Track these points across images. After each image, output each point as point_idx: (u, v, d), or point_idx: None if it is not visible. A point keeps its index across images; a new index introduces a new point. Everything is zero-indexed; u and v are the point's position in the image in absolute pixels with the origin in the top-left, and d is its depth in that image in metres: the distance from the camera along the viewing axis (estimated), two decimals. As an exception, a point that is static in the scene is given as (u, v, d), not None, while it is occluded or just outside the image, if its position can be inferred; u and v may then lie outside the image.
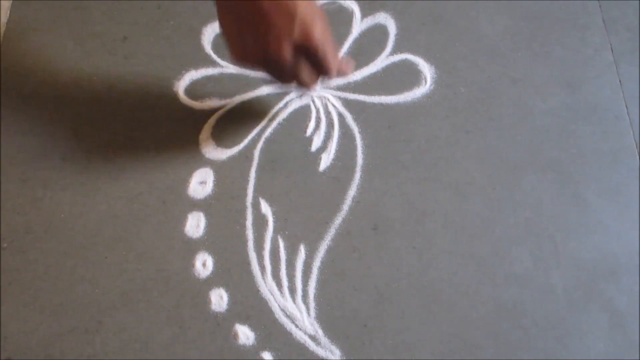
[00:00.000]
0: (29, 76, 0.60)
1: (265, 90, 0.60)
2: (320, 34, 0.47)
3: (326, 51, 0.49)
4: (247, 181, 0.56)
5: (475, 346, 0.50)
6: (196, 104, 0.59)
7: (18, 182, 0.55)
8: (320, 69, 0.50)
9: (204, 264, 0.52)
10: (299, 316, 0.51)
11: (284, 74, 0.50)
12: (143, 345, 0.50)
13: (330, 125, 0.58)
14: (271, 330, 0.50)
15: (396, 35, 0.63)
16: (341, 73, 0.53)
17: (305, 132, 0.58)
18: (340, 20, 0.63)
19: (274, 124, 0.58)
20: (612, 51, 0.62)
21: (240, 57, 0.49)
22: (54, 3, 0.64)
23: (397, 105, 0.59)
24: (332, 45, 0.49)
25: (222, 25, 0.49)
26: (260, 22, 0.46)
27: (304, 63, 0.49)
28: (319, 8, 0.48)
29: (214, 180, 0.56)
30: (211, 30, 0.62)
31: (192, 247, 0.53)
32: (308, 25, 0.46)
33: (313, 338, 0.50)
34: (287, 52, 0.47)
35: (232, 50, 0.49)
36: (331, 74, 0.51)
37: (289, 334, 0.50)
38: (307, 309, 0.51)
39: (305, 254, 0.53)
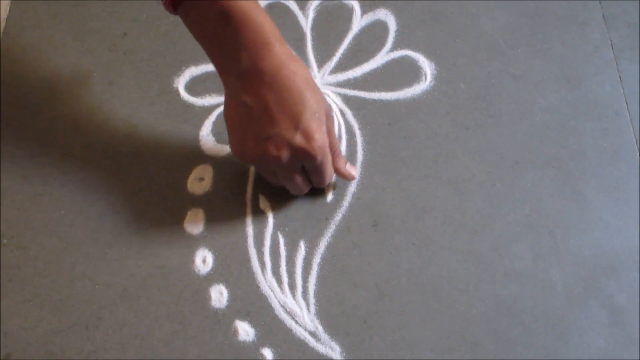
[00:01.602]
0: (29, 73, 0.60)
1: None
2: (320, 146, 0.47)
3: (324, 164, 0.49)
4: (246, 177, 0.56)
5: (475, 342, 0.50)
6: (196, 100, 0.59)
7: (18, 178, 0.55)
8: (315, 178, 0.51)
9: (203, 261, 0.52)
10: (299, 312, 0.50)
11: (279, 177, 0.50)
12: (143, 342, 0.49)
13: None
14: (271, 327, 0.50)
15: (396, 31, 0.63)
16: (347, 177, 0.53)
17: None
18: (340, 16, 0.63)
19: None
20: (612, 48, 0.62)
21: (239, 153, 0.49)
22: (54, 0, 0.63)
23: (397, 101, 0.59)
24: (329, 157, 0.49)
25: (226, 113, 0.49)
26: (263, 121, 0.46)
27: (299, 169, 0.49)
28: (327, 107, 0.48)
29: (214, 177, 0.56)
30: (211, 27, 0.62)
31: (192, 243, 0.53)
32: (310, 135, 0.46)
33: (313, 334, 0.50)
34: (287, 157, 0.47)
35: (232, 145, 0.49)
36: (324, 183, 0.52)
37: (289, 331, 0.50)
38: (307, 305, 0.51)
39: (305, 250, 0.53)
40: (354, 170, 0.54)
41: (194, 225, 0.54)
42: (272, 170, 0.49)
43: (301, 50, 0.62)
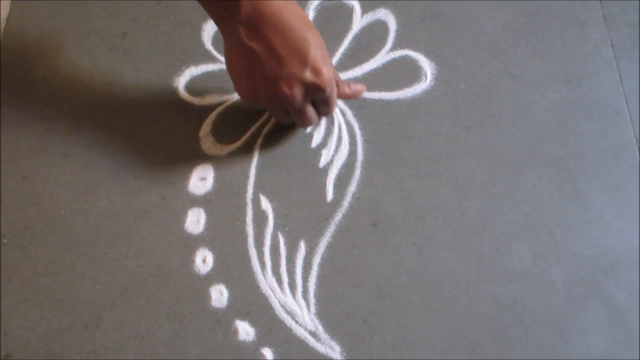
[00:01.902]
0: (29, 72, 0.60)
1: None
2: (329, 78, 0.49)
3: (332, 94, 0.51)
4: (247, 177, 0.56)
5: (475, 342, 0.50)
6: (196, 100, 0.59)
7: (18, 178, 0.55)
8: (323, 108, 0.52)
9: (204, 260, 0.52)
10: (299, 312, 0.50)
11: (292, 114, 0.52)
12: (143, 341, 0.49)
13: (330, 121, 0.58)
14: (271, 327, 0.50)
15: (396, 31, 0.63)
16: (354, 95, 0.54)
17: (306, 128, 0.58)
18: (340, 16, 0.63)
19: (274, 120, 0.58)
20: (612, 47, 0.62)
21: (250, 97, 0.51)
22: (54, 0, 0.64)
23: (398, 101, 0.59)
24: (335, 88, 0.51)
25: (229, 63, 0.50)
26: (272, 62, 0.47)
27: (310, 102, 0.51)
28: (324, 46, 0.49)
29: (214, 177, 0.56)
30: (211, 27, 0.62)
31: (192, 243, 0.53)
32: (319, 69, 0.48)
33: (313, 334, 0.50)
34: (299, 94, 0.48)
35: (240, 89, 0.51)
36: (331, 112, 0.54)
37: (289, 330, 0.50)
38: (307, 305, 0.51)
39: (306, 250, 0.53)
40: (360, 85, 0.55)
41: (194, 225, 0.53)
42: (285, 108, 0.50)
43: None
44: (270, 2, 0.46)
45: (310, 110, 0.52)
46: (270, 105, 0.51)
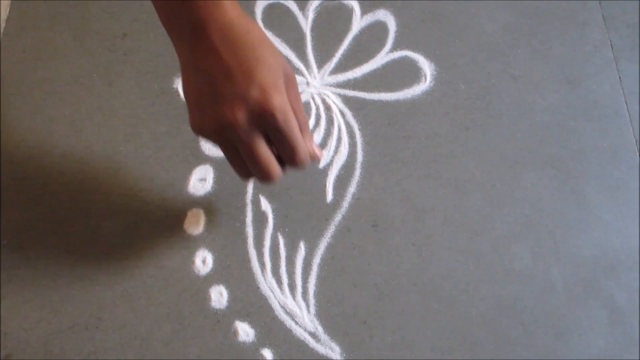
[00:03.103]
0: (29, 73, 0.60)
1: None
2: (281, 103, 0.40)
3: (289, 124, 0.41)
4: (247, 178, 0.56)
5: (475, 342, 0.50)
6: (196, 101, 0.59)
7: (18, 179, 0.55)
8: (283, 149, 0.42)
9: (203, 261, 0.52)
10: (298, 313, 0.51)
11: (242, 151, 0.42)
12: (143, 342, 0.49)
13: (330, 122, 0.58)
14: (271, 327, 0.50)
15: (396, 32, 0.63)
16: (312, 157, 0.45)
17: (305, 129, 0.58)
18: (340, 17, 0.63)
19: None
20: (611, 48, 0.62)
21: (198, 126, 0.43)
22: (54, 1, 0.63)
23: (397, 102, 0.59)
24: (297, 121, 0.42)
25: (183, 88, 0.44)
26: (218, 80, 0.41)
27: (260, 135, 0.42)
28: (289, 71, 0.43)
29: (214, 177, 0.56)
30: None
31: (192, 244, 0.53)
32: (266, 90, 0.40)
33: (313, 335, 0.50)
34: (243, 117, 0.40)
35: (191, 119, 0.43)
36: (297, 156, 0.43)
37: (288, 331, 0.50)
38: (307, 305, 0.51)
39: (305, 251, 0.53)
40: (319, 150, 0.47)
41: (194, 226, 0.54)
42: (233, 142, 0.42)
43: (301, 50, 0.62)
44: (223, 16, 0.41)
45: (264, 149, 0.42)
46: (218, 140, 0.43)
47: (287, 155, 0.43)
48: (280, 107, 0.40)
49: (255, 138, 0.42)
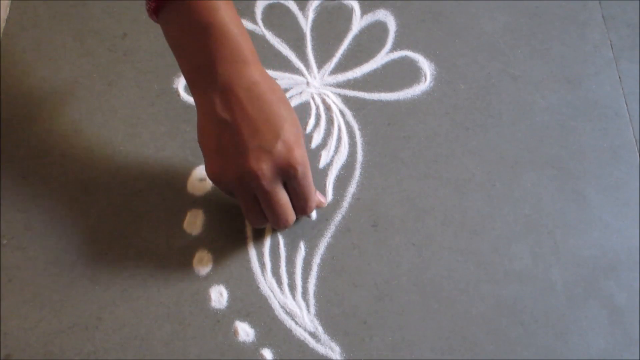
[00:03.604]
0: (29, 73, 0.60)
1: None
2: (302, 157, 0.46)
3: (307, 177, 0.47)
4: (246, 178, 0.55)
5: (475, 343, 0.50)
6: (196, 101, 0.59)
7: (18, 178, 0.55)
8: (298, 201, 0.48)
9: (203, 261, 0.52)
10: (298, 313, 0.51)
11: (263, 201, 0.47)
12: (143, 342, 0.49)
13: (330, 122, 0.58)
14: (271, 327, 0.50)
15: (396, 32, 0.63)
16: (319, 205, 0.52)
17: (305, 129, 0.58)
18: (340, 17, 0.63)
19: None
20: (611, 48, 0.62)
21: (218, 175, 0.47)
22: (54, 1, 0.63)
23: (397, 102, 0.59)
24: (310, 174, 0.47)
25: (201, 134, 0.47)
26: (243, 133, 0.44)
27: (281, 187, 0.47)
28: (300, 128, 0.47)
29: (214, 177, 0.56)
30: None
31: (192, 244, 0.53)
32: (291, 146, 0.45)
33: (313, 335, 0.50)
34: (268, 170, 0.45)
35: (209, 165, 0.47)
36: (309, 206, 0.49)
37: (288, 331, 0.50)
38: (307, 305, 0.51)
39: (305, 251, 0.53)
40: (324, 199, 0.53)
41: (194, 226, 0.54)
42: (253, 191, 0.46)
43: (301, 50, 0.62)
44: (250, 75, 0.45)
45: (284, 199, 0.47)
46: (238, 188, 0.46)
47: (301, 204, 0.48)
48: (302, 161, 0.46)
49: (277, 188, 0.46)
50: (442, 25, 0.63)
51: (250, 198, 0.47)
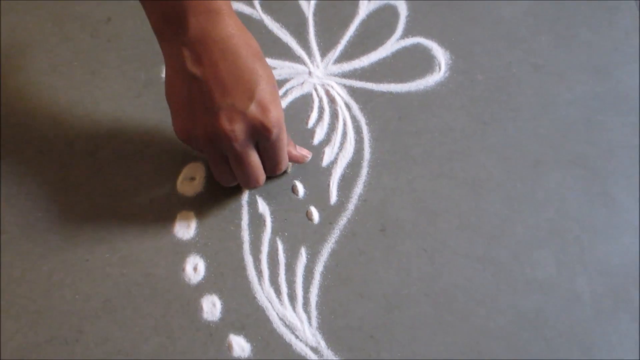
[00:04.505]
0: (2, 61, 0.60)
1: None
2: (278, 119, 0.47)
3: (282, 140, 0.49)
4: (242, 177, 0.55)
5: (493, 359, 0.49)
6: (187, 92, 0.59)
7: (-9, 177, 0.55)
8: (269, 161, 0.50)
9: (195, 268, 0.52)
10: (299, 326, 0.50)
11: (232, 161, 0.49)
12: (127, 357, 0.49)
13: (334, 116, 0.58)
14: (269, 341, 0.50)
15: (407, 17, 0.63)
16: (300, 159, 0.54)
17: (307, 123, 0.58)
18: (345, 0, 0.63)
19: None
20: (644, 35, 0.62)
21: (185, 135, 0.48)
22: (31, -20, 0.64)
23: (408, 94, 0.59)
24: (285, 135, 0.49)
25: (169, 91, 0.48)
26: (214, 92, 0.46)
27: (253, 148, 0.48)
28: (276, 85, 0.48)
29: (206, 176, 0.56)
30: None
31: (182, 249, 0.53)
32: (266, 106, 0.46)
33: (315, 350, 0.50)
34: (241, 132, 0.46)
35: (177, 124, 0.48)
36: (279, 167, 0.51)
37: (288, 346, 0.50)
38: (309, 318, 0.51)
39: (307, 257, 0.53)
40: (306, 151, 0.55)
41: (185, 230, 0.54)
42: (224, 151, 0.48)
43: (303, 37, 0.62)
44: (223, 27, 0.45)
45: (255, 160, 0.49)
46: (208, 148, 0.48)
47: (272, 165, 0.51)
48: (277, 123, 0.47)
49: (249, 149, 0.48)
50: (458, 9, 0.63)
51: (220, 157, 0.49)
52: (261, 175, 0.51)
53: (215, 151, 0.48)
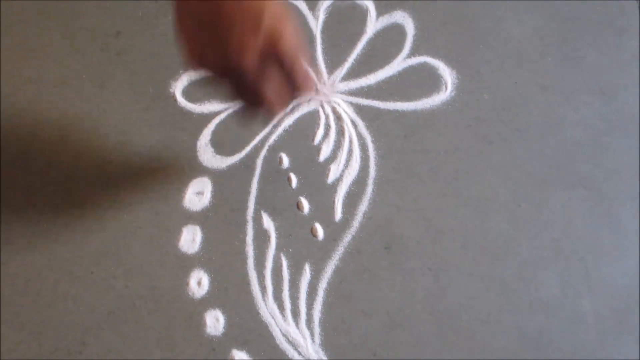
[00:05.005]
0: (14, 73, 0.60)
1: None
2: (290, 40, 0.45)
3: (297, 59, 0.46)
4: (248, 193, 0.56)
5: (496, 379, 0.50)
6: (194, 107, 0.59)
7: (-2, 188, 0.56)
8: (290, 83, 0.47)
9: (199, 283, 0.53)
10: (302, 342, 0.51)
11: (246, 86, 0.46)
12: (130, 371, 0.50)
13: (340, 133, 0.59)
14: (271, 358, 0.50)
15: (414, 36, 0.63)
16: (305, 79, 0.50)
17: (313, 140, 0.58)
18: (353, 18, 0.64)
19: (279, 130, 0.58)
20: (651, 57, 0.62)
21: (198, 62, 0.46)
22: (42, -6, 0.64)
23: (415, 112, 0.60)
24: (303, 55, 0.47)
25: (179, 27, 0.46)
26: (222, 23, 0.44)
27: (270, 76, 0.46)
28: (290, 11, 0.46)
29: (212, 191, 0.56)
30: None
31: (187, 263, 0.53)
32: (277, 30, 0.44)
33: (317, 366, 0.50)
34: (250, 59, 0.44)
35: (189, 54, 0.46)
36: (303, 88, 0.48)
37: (290, 362, 0.50)
38: (312, 334, 0.51)
39: (311, 274, 0.53)
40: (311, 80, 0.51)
41: (190, 244, 0.54)
42: (238, 75, 0.45)
43: (310, 54, 0.62)
44: None
45: (273, 86, 0.46)
46: (224, 70, 0.46)
47: (293, 86, 0.47)
48: (291, 43, 0.44)
49: (264, 78, 0.45)
50: (465, 29, 0.63)
51: (236, 83, 0.47)
52: (281, 100, 0.47)
53: (232, 72, 0.45)
